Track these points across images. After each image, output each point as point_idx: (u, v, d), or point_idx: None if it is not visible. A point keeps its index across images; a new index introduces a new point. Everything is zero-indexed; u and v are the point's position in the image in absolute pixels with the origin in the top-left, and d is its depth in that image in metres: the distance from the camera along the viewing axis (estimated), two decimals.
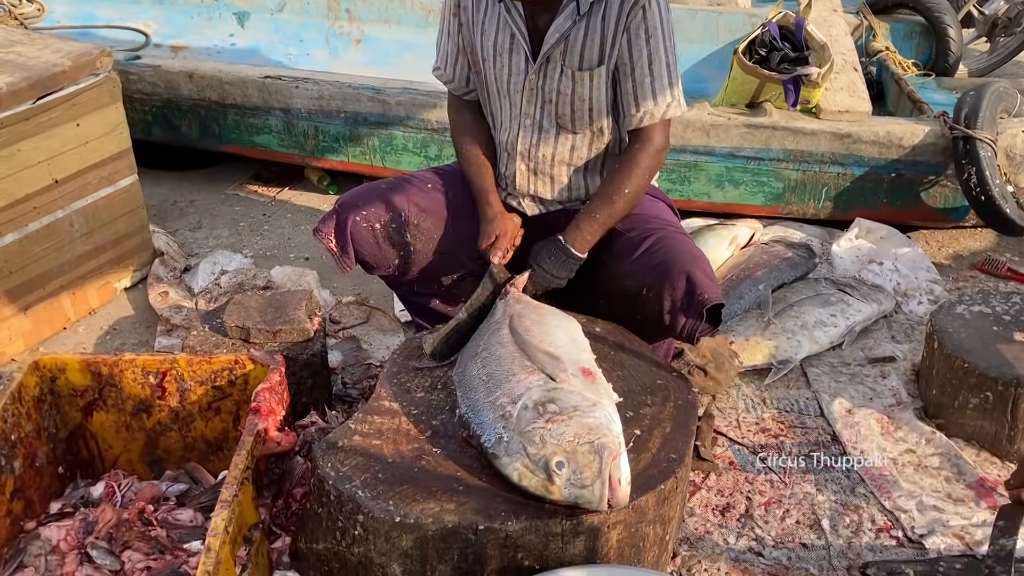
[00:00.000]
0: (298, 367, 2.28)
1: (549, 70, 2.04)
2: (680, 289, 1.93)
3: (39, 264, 2.66)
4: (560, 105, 2.07)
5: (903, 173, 3.10)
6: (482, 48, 2.11)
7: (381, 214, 2.16)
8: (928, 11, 4.20)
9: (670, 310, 1.94)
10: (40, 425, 1.94)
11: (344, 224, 2.15)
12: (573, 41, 2.00)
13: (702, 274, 1.94)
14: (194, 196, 3.70)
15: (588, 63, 2.01)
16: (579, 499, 1.50)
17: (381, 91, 3.31)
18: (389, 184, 2.24)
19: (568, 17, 1.98)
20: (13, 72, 2.52)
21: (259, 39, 4.37)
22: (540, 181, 2.19)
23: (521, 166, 2.18)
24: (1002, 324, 2.37)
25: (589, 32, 1.99)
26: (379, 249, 2.18)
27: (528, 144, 2.14)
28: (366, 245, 2.17)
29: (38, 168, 2.59)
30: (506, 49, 2.07)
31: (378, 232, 2.16)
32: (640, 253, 2.03)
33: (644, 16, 1.95)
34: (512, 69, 2.08)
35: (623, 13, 1.96)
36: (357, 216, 2.15)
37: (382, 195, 2.19)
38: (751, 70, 3.11)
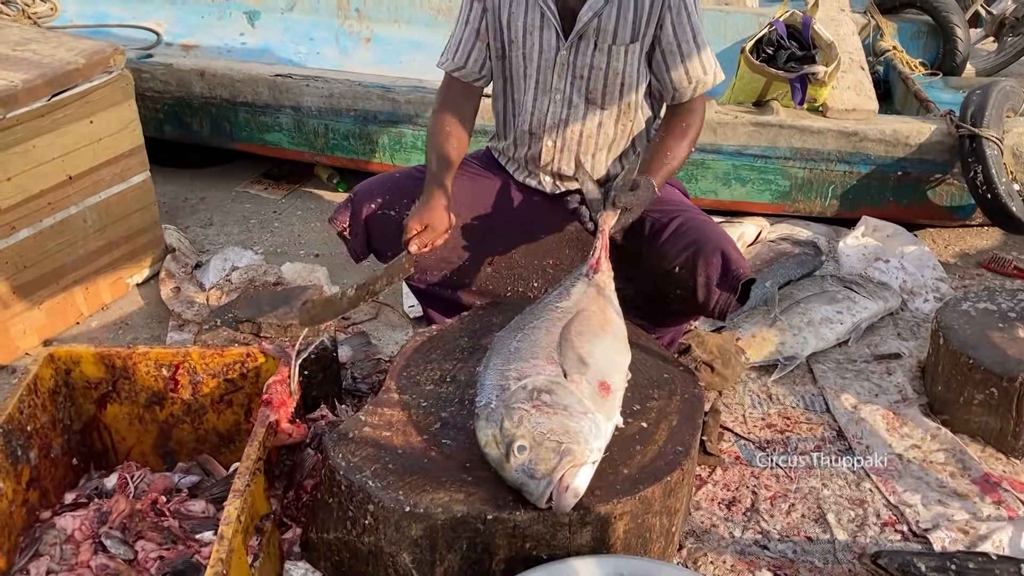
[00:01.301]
0: (308, 361, 2.30)
1: (582, 46, 2.09)
2: (715, 265, 1.99)
3: (53, 259, 2.70)
4: (592, 80, 2.12)
5: (909, 171, 3.11)
6: (511, 29, 2.14)
7: (396, 203, 2.20)
8: (935, 11, 4.21)
9: (705, 285, 2.00)
10: (55, 417, 1.97)
11: (359, 212, 2.19)
12: (606, 19, 2.05)
13: (735, 251, 2.02)
14: (205, 193, 3.73)
15: (622, 39, 2.07)
16: (524, 487, 1.55)
17: (391, 89, 3.34)
18: (404, 174, 2.29)
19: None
20: (29, 70, 2.55)
21: (269, 38, 4.40)
22: (565, 158, 2.22)
23: (548, 142, 2.21)
24: (1007, 321, 2.38)
25: (622, 10, 2.04)
26: (392, 238, 2.20)
27: (557, 119, 2.18)
28: (380, 234, 2.21)
29: (52, 164, 2.62)
30: (536, 27, 2.11)
31: (393, 220, 2.19)
32: (669, 234, 2.09)
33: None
34: (544, 46, 2.12)
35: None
36: (372, 204, 2.20)
37: (397, 184, 2.23)
38: (758, 69, 3.12)
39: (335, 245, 3.33)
